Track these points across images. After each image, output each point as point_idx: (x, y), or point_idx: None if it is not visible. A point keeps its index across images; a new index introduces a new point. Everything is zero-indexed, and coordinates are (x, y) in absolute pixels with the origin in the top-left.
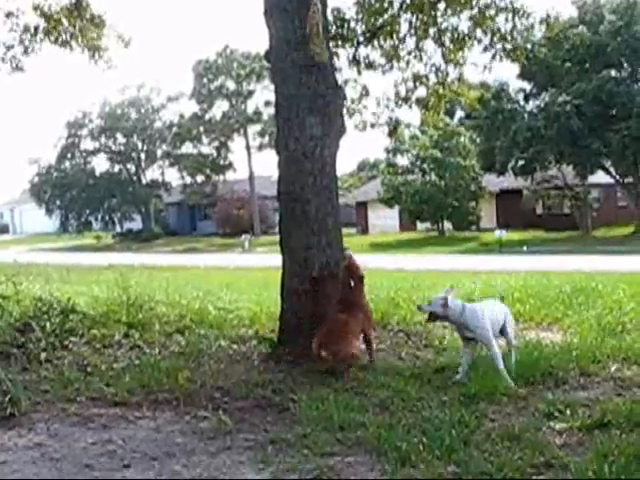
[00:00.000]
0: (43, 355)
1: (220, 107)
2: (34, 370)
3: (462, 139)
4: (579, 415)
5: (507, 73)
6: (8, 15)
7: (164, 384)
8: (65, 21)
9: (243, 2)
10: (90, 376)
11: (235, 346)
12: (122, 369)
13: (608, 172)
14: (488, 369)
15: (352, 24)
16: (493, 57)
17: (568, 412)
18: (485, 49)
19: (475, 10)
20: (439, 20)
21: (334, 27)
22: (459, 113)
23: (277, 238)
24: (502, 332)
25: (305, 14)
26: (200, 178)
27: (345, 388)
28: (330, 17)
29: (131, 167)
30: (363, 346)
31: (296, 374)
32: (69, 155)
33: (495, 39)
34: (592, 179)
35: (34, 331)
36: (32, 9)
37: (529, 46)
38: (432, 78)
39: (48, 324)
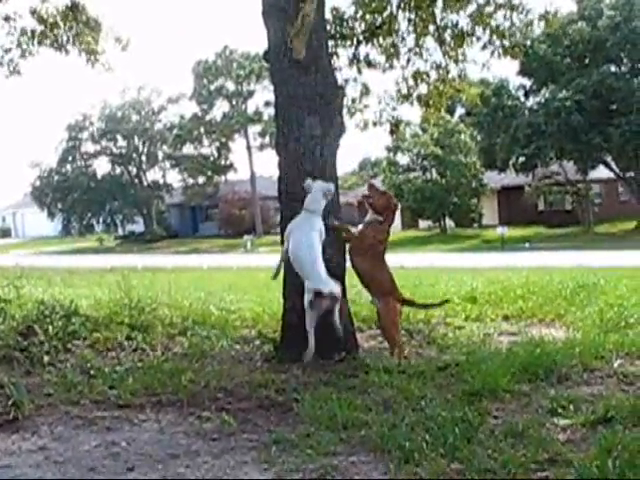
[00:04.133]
0: (46, 358)
1: (220, 108)
2: (37, 374)
3: (463, 136)
4: (582, 411)
5: (507, 70)
6: (6, 19)
7: (167, 386)
8: (62, 25)
9: (241, 2)
10: (93, 379)
11: (238, 347)
12: (125, 371)
13: (609, 167)
14: (490, 365)
15: (351, 23)
16: (492, 54)
17: (571, 408)
18: (484, 46)
19: (474, 7)
20: (438, 17)
21: (333, 26)
22: (459, 110)
23: (279, 238)
24: None
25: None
26: (201, 179)
27: (348, 387)
28: (329, 16)
29: (132, 169)
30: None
31: (299, 373)
32: (70, 158)
33: (494, 36)
34: (593, 174)
35: (37, 334)
36: (29, 13)
37: (529, 42)
38: (433, 75)
39: (51, 327)
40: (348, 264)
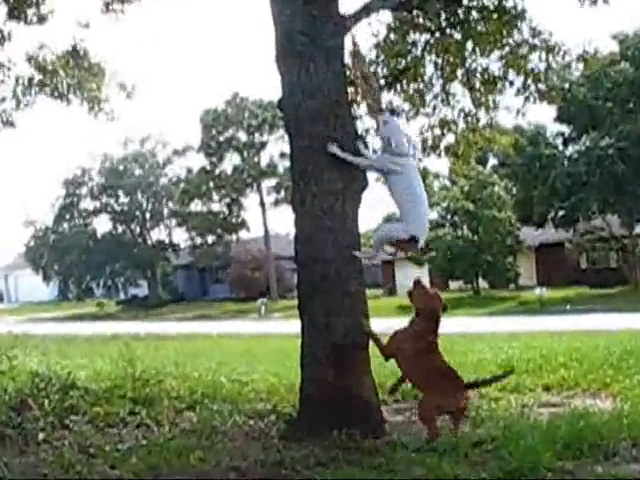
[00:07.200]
0: (41, 435)
1: (231, 160)
2: (32, 452)
3: (496, 189)
4: None
5: (544, 116)
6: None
7: (174, 465)
8: (62, 72)
9: (253, 47)
10: (93, 458)
11: (251, 422)
12: (128, 450)
13: None
14: (530, 441)
15: (372, 67)
16: (527, 99)
17: None
18: (518, 92)
19: (506, 49)
20: (467, 61)
21: (353, 71)
22: (492, 161)
23: (295, 302)
24: None
25: (322, 59)
26: (211, 238)
27: (373, 466)
28: (348, 60)
29: (135, 227)
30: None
31: (319, 451)
32: (67, 216)
33: (529, 80)
34: None
35: (31, 409)
36: (26, 60)
37: (567, 86)
38: (461, 124)
39: (46, 401)
40: None
